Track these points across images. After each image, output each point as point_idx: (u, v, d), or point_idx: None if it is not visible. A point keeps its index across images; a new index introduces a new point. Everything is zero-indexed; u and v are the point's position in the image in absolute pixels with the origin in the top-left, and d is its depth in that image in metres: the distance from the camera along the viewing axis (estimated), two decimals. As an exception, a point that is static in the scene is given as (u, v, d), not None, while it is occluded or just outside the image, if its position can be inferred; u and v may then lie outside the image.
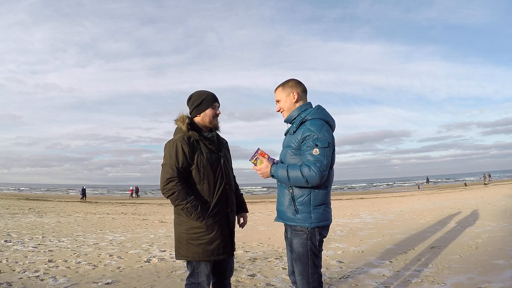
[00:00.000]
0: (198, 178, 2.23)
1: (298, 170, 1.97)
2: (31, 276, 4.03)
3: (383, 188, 55.12)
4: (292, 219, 2.10)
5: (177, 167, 2.17)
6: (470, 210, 10.27)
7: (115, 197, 42.08)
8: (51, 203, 22.46)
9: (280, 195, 2.20)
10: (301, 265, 2.10)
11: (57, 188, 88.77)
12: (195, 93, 2.39)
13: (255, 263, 4.74)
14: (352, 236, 6.87)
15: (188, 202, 2.14)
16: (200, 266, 2.22)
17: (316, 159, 1.96)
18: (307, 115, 2.13)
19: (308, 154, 1.99)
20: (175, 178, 2.15)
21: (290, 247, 2.17)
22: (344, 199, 24.63)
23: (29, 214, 12.75)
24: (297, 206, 2.06)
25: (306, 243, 2.07)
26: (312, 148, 1.98)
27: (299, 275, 2.12)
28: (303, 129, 2.06)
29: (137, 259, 5.05)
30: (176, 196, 2.15)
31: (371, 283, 3.67)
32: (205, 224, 2.19)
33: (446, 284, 3.51)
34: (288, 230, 2.18)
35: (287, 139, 2.23)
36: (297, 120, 2.15)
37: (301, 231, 2.08)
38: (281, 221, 2.19)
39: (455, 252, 4.87)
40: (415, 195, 24.41)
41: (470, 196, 16.94)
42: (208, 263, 2.23)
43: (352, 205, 17.00)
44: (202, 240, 2.19)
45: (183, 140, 2.20)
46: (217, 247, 2.21)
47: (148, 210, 17.03)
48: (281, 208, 2.18)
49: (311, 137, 2.00)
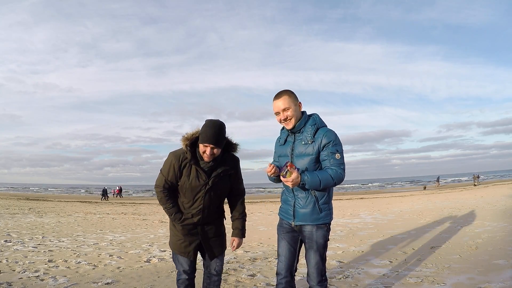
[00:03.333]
0: (180, 193, 2.52)
1: (327, 174, 2.20)
2: (31, 276, 4.03)
3: (383, 188, 55.11)
4: (317, 218, 2.28)
5: (165, 178, 2.48)
6: (470, 210, 10.27)
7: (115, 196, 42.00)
8: (51, 203, 22.45)
9: (299, 199, 2.32)
10: (319, 256, 2.29)
11: (75, 188, 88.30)
12: (206, 122, 2.40)
13: (255, 263, 4.74)
14: (352, 236, 6.87)
15: (166, 208, 2.52)
16: (176, 257, 2.60)
17: (340, 162, 2.25)
18: (317, 123, 2.33)
19: (331, 159, 2.24)
20: (161, 187, 2.50)
21: (309, 239, 2.30)
22: (344, 199, 24.63)
23: (29, 214, 12.75)
24: (321, 206, 2.29)
25: (326, 235, 2.32)
26: (335, 153, 2.25)
27: (315, 265, 2.29)
28: (321, 137, 2.27)
29: (137, 259, 5.05)
30: (159, 200, 2.55)
31: (371, 283, 3.67)
32: (177, 228, 2.57)
33: (446, 284, 3.51)
34: (307, 227, 2.30)
35: (302, 148, 2.31)
36: (312, 129, 2.31)
37: (323, 225, 2.30)
38: (303, 223, 2.31)
39: (455, 252, 4.88)
40: (415, 195, 24.41)
41: (470, 196, 16.94)
42: (179, 256, 2.57)
43: (352, 205, 17.00)
44: (172, 235, 2.61)
45: (178, 158, 2.44)
46: (177, 246, 2.57)
47: (148, 210, 17.03)
48: (305, 211, 2.31)
49: (332, 144, 2.25)
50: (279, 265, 2.40)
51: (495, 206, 10.75)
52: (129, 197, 37.53)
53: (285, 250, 2.39)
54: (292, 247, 2.39)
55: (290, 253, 2.38)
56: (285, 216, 2.43)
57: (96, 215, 13.17)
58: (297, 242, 2.41)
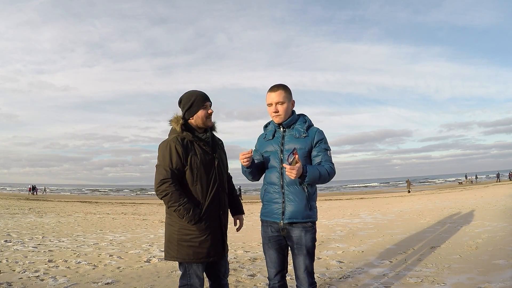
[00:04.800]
0: (191, 179, 2.22)
1: (324, 169, 2.20)
2: (31, 276, 4.03)
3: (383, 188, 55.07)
4: (308, 215, 2.23)
5: (170, 168, 2.16)
6: (470, 210, 10.27)
7: (115, 197, 42.06)
8: (51, 203, 22.46)
9: (291, 195, 2.23)
10: (309, 259, 2.23)
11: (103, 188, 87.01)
12: (185, 94, 2.35)
13: (255, 263, 4.74)
14: (352, 236, 6.87)
15: (181, 205, 2.12)
16: (192, 268, 2.20)
17: (331, 159, 2.29)
18: (308, 122, 2.36)
19: (324, 155, 2.27)
20: (169, 180, 2.14)
21: (298, 244, 2.21)
22: (344, 199, 24.64)
23: (29, 214, 12.76)
24: (311, 203, 2.26)
25: (314, 237, 2.26)
26: (327, 151, 2.29)
27: (305, 270, 2.22)
28: (314, 134, 2.29)
29: (137, 259, 5.05)
30: (169, 198, 2.13)
31: (371, 283, 3.66)
32: (197, 227, 2.17)
33: (446, 284, 3.51)
34: (295, 229, 2.22)
35: (294, 141, 2.27)
36: (304, 125, 2.32)
37: (310, 227, 2.24)
38: (294, 221, 2.21)
39: (455, 252, 4.87)
40: (415, 195, 24.41)
41: (470, 196, 16.94)
42: (199, 265, 2.22)
43: (352, 205, 17.01)
44: (193, 242, 2.18)
45: (177, 141, 2.20)
46: (207, 250, 2.20)
47: (148, 210, 17.04)
48: (297, 208, 2.21)
49: (323, 141, 2.29)
50: (270, 272, 2.33)
51: (495, 206, 10.75)
52: (129, 197, 37.48)
53: (274, 257, 2.30)
54: (281, 254, 2.32)
55: (279, 260, 2.31)
56: (271, 217, 2.28)
57: (96, 215, 13.17)
58: (285, 248, 2.33)
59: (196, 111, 2.30)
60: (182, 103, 2.34)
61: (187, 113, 2.31)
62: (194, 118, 2.31)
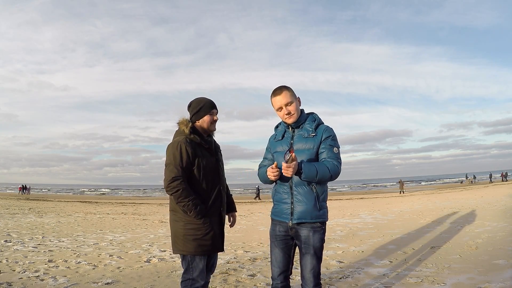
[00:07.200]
0: (197, 179, 2.42)
1: (324, 166, 2.15)
2: (31, 276, 4.03)
3: (383, 188, 55.08)
4: (317, 216, 2.21)
5: (181, 166, 2.34)
6: (470, 210, 10.28)
7: (115, 197, 42.08)
8: (51, 203, 22.47)
9: (299, 195, 2.23)
10: (316, 260, 2.22)
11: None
12: (195, 99, 2.57)
13: (255, 263, 4.74)
14: (352, 236, 6.87)
15: (190, 200, 2.31)
16: (195, 261, 2.37)
17: (337, 157, 2.23)
18: (317, 120, 2.34)
19: (329, 151, 2.22)
20: (180, 177, 2.32)
21: (305, 244, 2.21)
22: (344, 199, 24.64)
23: (29, 214, 12.76)
24: (321, 203, 2.24)
25: (323, 238, 2.24)
26: (333, 147, 2.24)
27: (312, 270, 2.21)
28: (322, 132, 2.27)
29: (137, 259, 5.05)
30: (179, 194, 2.31)
31: (371, 283, 3.67)
32: (202, 221, 2.38)
33: (446, 284, 3.51)
34: (303, 228, 2.21)
35: (302, 142, 2.26)
36: (313, 124, 2.31)
37: (319, 227, 2.23)
38: (302, 221, 2.21)
39: (455, 252, 4.88)
40: (415, 195, 24.42)
41: (470, 196, 16.95)
42: (202, 258, 2.39)
43: (352, 205, 17.01)
44: (198, 236, 2.36)
45: (187, 142, 2.38)
46: (211, 242, 2.40)
47: (148, 210, 17.04)
48: (306, 208, 2.21)
49: (331, 138, 2.25)
50: (274, 271, 2.33)
51: (495, 206, 10.75)
52: (129, 197, 37.50)
53: (279, 257, 2.30)
54: (286, 254, 2.31)
55: (285, 259, 2.31)
56: (280, 217, 2.30)
57: (96, 215, 13.17)
58: (291, 249, 2.33)
59: (203, 115, 2.51)
60: (192, 107, 2.54)
61: (194, 117, 2.52)
62: (200, 122, 2.52)
